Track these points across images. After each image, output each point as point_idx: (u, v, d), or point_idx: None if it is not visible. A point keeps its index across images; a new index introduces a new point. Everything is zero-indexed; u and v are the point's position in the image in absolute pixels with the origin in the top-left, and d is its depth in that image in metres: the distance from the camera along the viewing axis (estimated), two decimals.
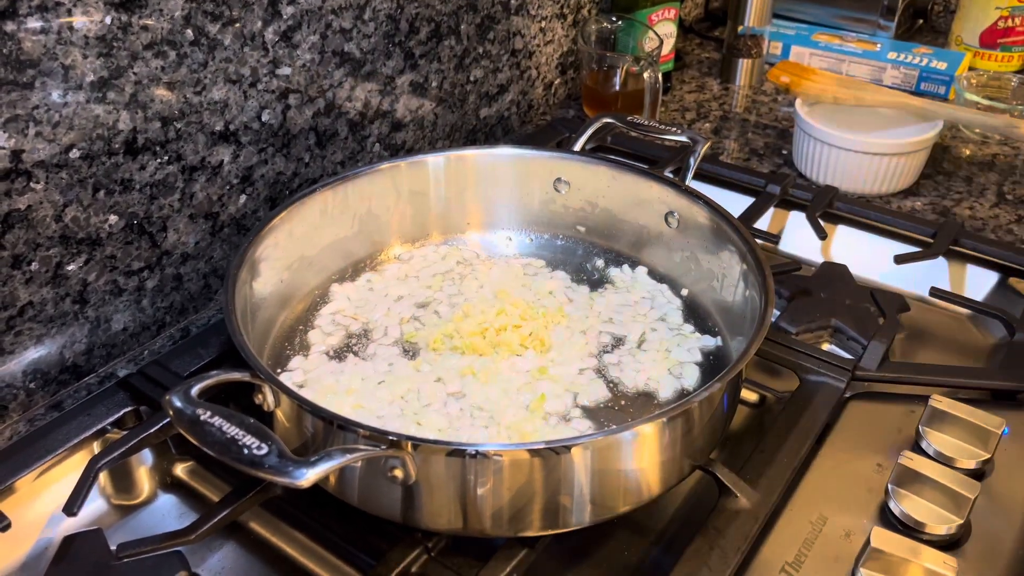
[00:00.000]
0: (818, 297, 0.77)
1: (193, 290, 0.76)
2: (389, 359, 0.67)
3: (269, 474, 0.43)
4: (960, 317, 0.80)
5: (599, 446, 0.51)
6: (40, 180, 0.61)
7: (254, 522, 0.61)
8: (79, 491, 0.56)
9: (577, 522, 0.54)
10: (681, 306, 0.74)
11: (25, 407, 0.67)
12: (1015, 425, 0.65)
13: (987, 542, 0.57)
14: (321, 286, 0.75)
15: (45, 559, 0.56)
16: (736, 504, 0.57)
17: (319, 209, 0.72)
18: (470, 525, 0.53)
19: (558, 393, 0.64)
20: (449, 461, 0.50)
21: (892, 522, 0.58)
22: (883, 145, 0.92)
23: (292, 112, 0.78)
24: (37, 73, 0.59)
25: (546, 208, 0.81)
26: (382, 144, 0.90)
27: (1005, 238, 0.88)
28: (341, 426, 0.50)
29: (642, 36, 1.07)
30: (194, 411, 0.47)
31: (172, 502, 0.64)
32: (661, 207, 0.75)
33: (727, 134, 1.09)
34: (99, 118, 0.63)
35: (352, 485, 0.54)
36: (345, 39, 0.80)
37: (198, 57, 0.68)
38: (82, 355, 0.69)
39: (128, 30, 0.63)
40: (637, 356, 0.68)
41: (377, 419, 0.61)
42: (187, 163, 0.71)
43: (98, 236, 0.67)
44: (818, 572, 0.55)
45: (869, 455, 0.63)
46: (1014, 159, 1.03)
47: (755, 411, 0.71)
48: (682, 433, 0.54)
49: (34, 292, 0.64)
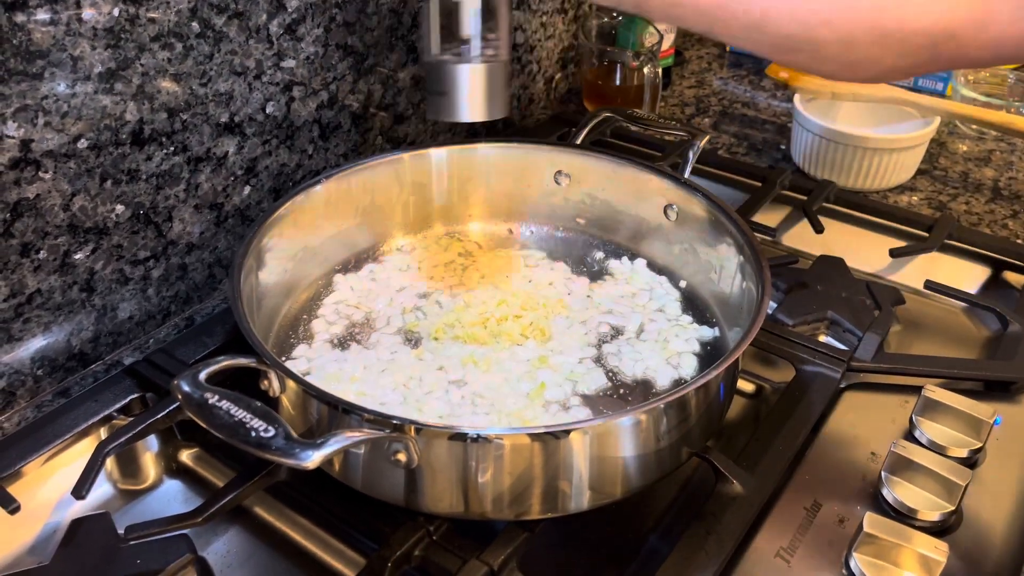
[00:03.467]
0: (815, 289, 0.78)
1: (198, 280, 0.77)
2: (392, 348, 0.68)
3: (276, 456, 0.44)
4: (955, 310, 0.81)
5: (598, 431, 0.52)
6: (48, 169, 0.62)
7: (259, 507, 0.62)
8: (87, 474, 0.57)
9: (576, 507, 0.55)
10: (679, 297, 0.75)
11: (33, 393, 0.68)
12: (1007, 415, 0.66)
13: (977, 528, 0.58)
14: (325, 276, 0.76)
15: (53, 542, 0.57)
16: (732, 490, 0.58)
17: (323, 200, 0.73)
18: (471, 509, 0.54)
19: (558, 382, 0.65)
20: (451, 445, 0.51)
21: (885, 509, 0.59)
22: (880, 140, 0.93)
23: (296, 104, 0.79)
24: (46, 64, 0.60)
25: (546, 200, 0.82)
26: (384, 137, 0.90)
27: (1000, 233, 0.90)
28: (346, 410, 0.52)
29: (642, 31, 1.08)
30: (202, 395, 0.48)
31: (178, 487, 0.65)
32: (660, 200, 0.76)
33: (726, 129, 1.10)
34: (107, 109, 0.64)
35: (356, 469, 0.55)
36: (348, 32, 0.81)
37: (204, 49, 0.69)
38: (89, 343, 0.70)
39: (135, 22, 0.64)
40: (636, 346, 0.69)
41: (380, 406, 0.62)
42: (192, 154, 0.72)
43: (105, 225, 0.67)
44: (812, 557, 0.56)
45: (863, 444, 0.65)
46: (1010, 155, 1.04)
47: (752, 401, 0.72)
48: (679, 420, 0.55)
49: (42, 280, 0.65)
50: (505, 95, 0.66)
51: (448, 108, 0.65)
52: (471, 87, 0.63)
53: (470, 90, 0.63)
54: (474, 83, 0.63)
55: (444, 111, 0.65)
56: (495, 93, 0.64)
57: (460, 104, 0.64)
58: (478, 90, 0.63)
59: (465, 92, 0.63)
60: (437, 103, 0.65)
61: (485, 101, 0.64)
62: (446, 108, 0.65)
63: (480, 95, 0.64)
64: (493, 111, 0.65)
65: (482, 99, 0.64)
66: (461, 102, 0.64)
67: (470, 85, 0.63)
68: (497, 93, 0.65)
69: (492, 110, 0.65)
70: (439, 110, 0.66)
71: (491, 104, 0.64)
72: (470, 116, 0.65)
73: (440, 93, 0.64)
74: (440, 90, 0.64)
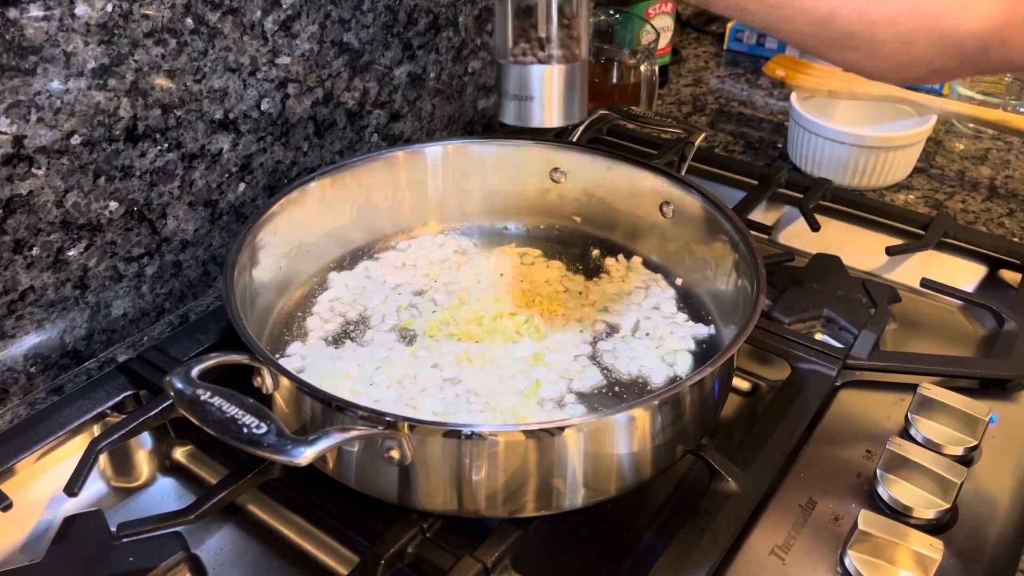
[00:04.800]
0: (811, 288, 0.78)
1: (192, 277, 0.77)
2: (386, 345, 0.68)
3: (268, 452, 0.44)
4: (951, 308, 0.81)
5: (592, 428, 0.52)
6: (41, 166, 0.62)
7: (252, 504, 0.61)
8: (80, 471, 0.57)
9: (570, 504, 0.55)
10: (675, 295, 0.75)
11: (26, 391, 0.67)
12: (1003, 413, 0.66)
13: (973, 526, 0.58)
14: (319, 274, 0.76)
15: (46, 539, 0.57)
16: (727, 488, 0.58)
17: (318, 197, 0.73)
18: (465, 506, 0.54)
19: (553, 379, 0.64)
20: (445, 442, 0.51)
21: (880, 507, 0.59)
22: (877, 139, 0.93)
23: (291, 101, 0.79)
24: (39, 59, 0.59)
25: (543, 198, 0.82)
26: (380, 134, 0.90)
27: (996, 231, 0.89)
28: (339, 407, 0.51)
29: (639, 29, 1.08)
30: (194, 391, 0.47)
31: (171, 485, 0.65)
32: (656, 197, 0.76)
33: (723, 127, 1.10)
34: (100, 105, 0.64)
35: (349, 467, 0.55)
36: (344, 29, 0.81)
37: (198, 45, 0.69)
38: (82, 340, 0.70)
39: (129, 18, 0.64)
40: (631, 344, 0.69)
41: (374, 403, 0.61)
42: (187, 151, 0.72)
43: (98, 222, 0.67)
44: (807, 555, 0.56)
45: (859, 442, 0.64)
46: (1007, 153, 1.04)
47: (747, 399, 0.72)
48: (674, 417, 0.55)
49: (35, 277, 0.65)
50: (583, 97, 0.61)
51: (525, 112, 0.60)
52: (547, 90, 0.59)
53: (546, 93, 0.59)
54: (550, 86, 0.59)
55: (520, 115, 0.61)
56: (573, 95, 0.60)
57: (536, 108, 0.60)
58: (555, 93, 0.59)
59: (541, 95, 0.59)
60: (511, 107, 0.61)
61: (563, 104, 0.60)
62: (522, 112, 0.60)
63: (558, 98, 0.59)
64: (571, 115, 0.61)
65: (560, 102, 0.60)
66: (537, 106, 0.60)
67: (546, 88, 0.59)
68: (576, 95, 0.60)
69: (570, 114, 0.61)
70: (514, 114, 0.61)
71: (568, 108, 0.60)
72: (546, 122, 0.60)
73: (517, 97, 0.60)
74: (516, 93, 0.60)
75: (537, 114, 0.60)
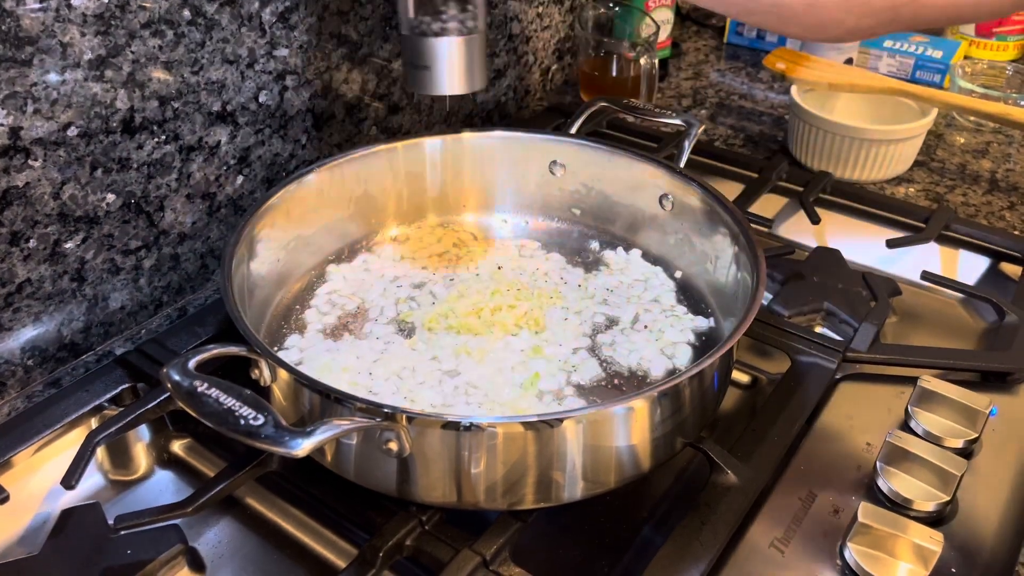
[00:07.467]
0: (811, 281, 0.78)
1: (190, 270, 0.77)
2: (385, 338, 0.68)
3: (265, 444, 0.44)
4: (951, 301, 0.81)
5: (591, 420, 0.52)
6: (38, 157, 0.62)
7: (250, 497, 0.61)
8: (77, 464, 0.57)
9: (569, 497, 0.55)
10: (674, 288, 0.74)
11: (23, 384, 0.67)
12: (1003, 405, 0.66)
13: (973, 518, 0.58)
14: (317, 266, 0.76)
15: (43, 532, 0.57)
16: (727, 481, 0.58)
17: (316, 190, 0.73)
18: (464, 498, 0.54)
19: (552, 372, 0.64)
20: (443, 434, 0.50)
21: (880, 499, 0.59)
22: (877, 132, 0.92)
23: (289, 94, 0.78)
24: (35, 51, 0.59)
25: (542, 191, 0.82)
26: (378, 127, 0.90)
27: (997, 224, 0.89)
28: (337, 399, 0.51)
29: (639, 22, 1.07)
30: (191, 383, 0.47)
31: (169, 478, 0.65)
32: (655, 190, 0.76)
33: (723, 121, 1.10)
34: (97, 96, 0.64)
35: (348, 459, 0.55)
36: (342, 21, 0.80)
37: (195, 37, 0.69)
38: (80, 333, 0.70)
39: (126, 8, 0.63)
40: (630, 336, 0.68)
41: (372, 396, 0.61)
42: (184, 143, 0.71)
43: (96, 214, 0.67)
44: (807, 547, 0.56)
45: (859, 434, 0.64)
46: (1007, 146, 1.04)
47: (747, 393, 0.72)
48: (673, 410, 0.55)
49: (32, 269, 0.64)
50: (484, 67, 0.68)
51: (427, 81, 0.66)
52: (449, 60, 0.65)
53: (448, 63, 0.65)
54: (452, 56, 0.65)
55: (423, 84, 0.67)
56: (473, 66, 0.66)
57: (439, 77, 0.66)
58: (456, 63, 0.65)
59: (443, 65, 0.65)
60: (415, 76, 0.67)
61: (464, 74, 0.66)
62: (425, 81, 0.66)
63: (459, 68, 0.65)
64: (472, 83, 0.67)
65: (461, 72, 0.66)
66: (440, 75, 0.66)
67: (448, 58, 0.65)
68: (476, 66, 0.66)
69: (471, 82, 0.67)
70: (418, 83, 0.67)
71: (470, 77, 0.66)
72: (449, 89, 0.66)
73: (418, 66, 0.66)
74: (418, 63, 0.66)
75: (435, 82, 0.66)
